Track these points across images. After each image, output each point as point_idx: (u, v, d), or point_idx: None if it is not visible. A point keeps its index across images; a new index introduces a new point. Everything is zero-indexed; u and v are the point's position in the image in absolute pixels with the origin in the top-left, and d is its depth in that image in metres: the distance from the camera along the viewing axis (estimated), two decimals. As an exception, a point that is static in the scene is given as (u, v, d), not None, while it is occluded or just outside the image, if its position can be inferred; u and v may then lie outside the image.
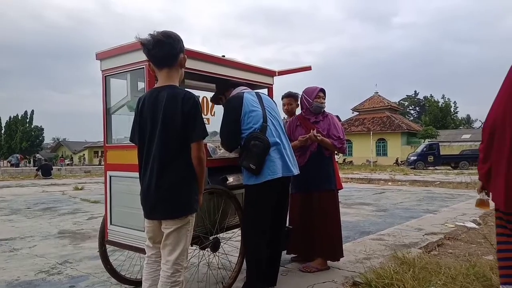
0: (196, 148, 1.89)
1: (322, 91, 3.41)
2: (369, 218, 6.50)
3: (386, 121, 36.96)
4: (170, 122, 1.86)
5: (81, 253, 4.20)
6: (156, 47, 1.87)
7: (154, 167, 1.87)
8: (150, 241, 2.04)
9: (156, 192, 1.87)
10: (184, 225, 1.90)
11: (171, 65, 1.93)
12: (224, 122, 2.69)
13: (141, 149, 1.96)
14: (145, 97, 1.97)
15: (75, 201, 9.41)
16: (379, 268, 3.11)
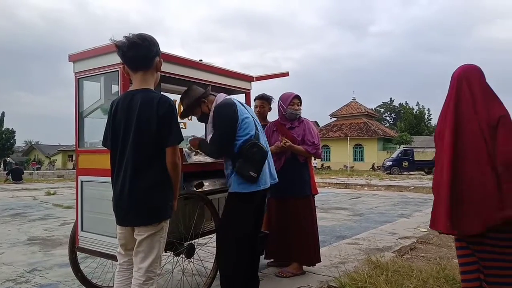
0: (171, 153, 1.85)
1: (296, 98, 3.43)
2: (345, 223, 6.58)
3: (363, 127, 37.67)
4: (144, 126, 1.81)
5: (51, 261, 4.07)
6: (131, 49, 1.84)
7: (128, 172, 1.82)
8: (122, 248, 1.98)
9: (129, 197, 1.82)
10: (157, 232, 1.86)
11: (147, 68, 1.90)
12: (220, 127, 2.54)
13: (114, 153, 1.90)
14: (118, 101, 1.92)
15: (46, 207, 9.12)
16: (353, 272, 3.16)
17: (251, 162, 2.46)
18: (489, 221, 2.03)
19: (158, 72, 2.01)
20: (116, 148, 1.89)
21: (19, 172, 19.21)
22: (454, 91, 2.22)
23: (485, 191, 2.04)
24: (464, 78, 2.21)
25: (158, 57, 1.94)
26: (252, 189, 2.50)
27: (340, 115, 40.57)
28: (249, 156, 2.46)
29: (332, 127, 39.83)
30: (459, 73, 2.25)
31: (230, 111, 2.54)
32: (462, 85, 2.20)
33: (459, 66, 2.32)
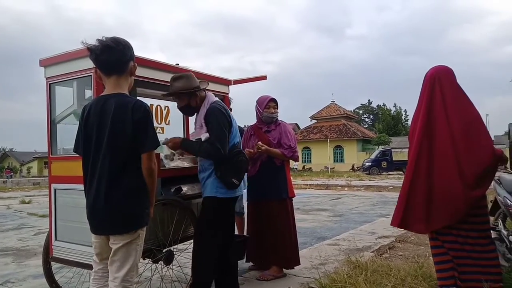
0: (147, 158, 1.82)
1: (272, 101, 3.43)
2: (326, 224, 6.64)
3: (342, 128, 38.18)
4: (119, 132, 1.77)
5: (25, 272, 3.93)
6: (104, 53, 1.79)
7: (102, 179, 1.77)
8: (98, 257, 1.93)
9: (104, 205, 1.77)
10: (133, 240, 1.82)
11: (121, 73, 1.86)
12: (219, 128, 2.49)
13: (87, 160, 1.85)
14: (90, 105, 1.87)
15: (21, 216, 8.82)
16: (333, 273, 3.18)
17: (235, 169, 2.47)
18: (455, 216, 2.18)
19: (132, 77, 1.97)
20: (89, 154, 1.83)
21: (-9, 181, 18.52)
22: (427, 92, 2.28)
23: (451, 196, 2.17)
24: (436, 80, 2.27)
25: (133, 62, 1.91)
26: (230, 195, 2.51)
27: (320, 117, 40.99)
28: (235, 163, 2.47)
29: (312, 129, 40.19)
30: (431, 74, 2.31)
31: (226, 113, 2.57)
32: (435, 87, 2.26)
33: (432, 67, 2.38)
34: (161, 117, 3.22)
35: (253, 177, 3.41)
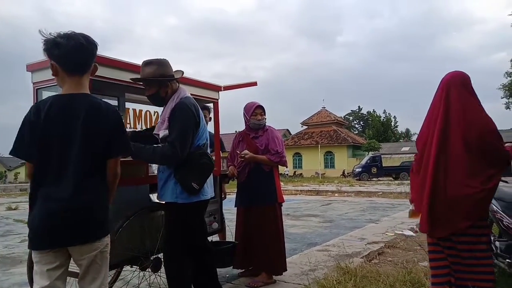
0: (115, 163, 1.75)
1: (259, 108, 3.44)
2: (316, 230, 6.65)
3: (333, 134, 38.42)
4: (93, 136, 1.66)
5: (10, 280, 3.85)
6: (76, 51, 1.66)
7: (70, 185, 1.61)
8: (49, 278, 1.62)
9: (74, 213, 1.61)
10: (104, 248, 1.72)
11: (84, 73, 1.73)
12: (185, 125, 2.29)
13: (43, 164, 1.64)
14: (49, 105, 1.65)
15: (7, 222, 8.67)
16: (322, 279, 3.18)
17: (197, 172, 2.29)
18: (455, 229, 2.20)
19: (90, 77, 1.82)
20: (48, 158, 1.63)
21: (-23, 187, 18.16)
22: (444, 98, 2.25)
23: (460, 207, 2.17)
24: (452, 85, 2.25)
25: (95, 64, 1.79)
26: (192, 200, 2.32)
27: (311, 123, 41.22)
28: (197, 166, 2.29)
29: (303, 135, 40.37)
30: (448, 79, 2.28)
31: (195, 111, 2.37)
32: (451, 93, 2.23)
33: (448, 73, 2.35)
34: (150, 123, 3.21)
35: (242, 183, 3.44)
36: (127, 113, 3.03)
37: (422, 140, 2.34)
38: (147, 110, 3.23)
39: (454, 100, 2.21)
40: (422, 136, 2.36)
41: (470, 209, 2.17)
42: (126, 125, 3.05)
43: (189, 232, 2.41)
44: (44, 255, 1.63)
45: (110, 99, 2.78)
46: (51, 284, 1.62)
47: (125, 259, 2.48)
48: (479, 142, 2.16)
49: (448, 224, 2.20)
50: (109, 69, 2.47)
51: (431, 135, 2.25)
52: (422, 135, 2.38)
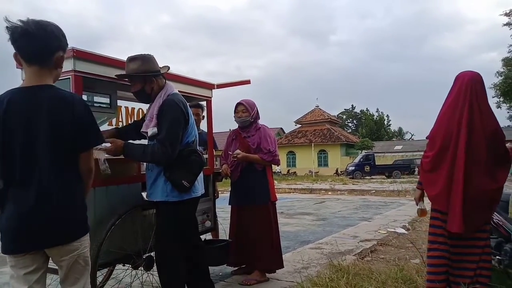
0: (86, 158, 1.65)
1: (240, 105, 3.45)
2: (309, 228, 6.67)
3: (326, 133, 38.54)
4: (59, 130, 1.56)
5: (1, 279, 3.81)
6: (22, 38, 1.53)
7: (40, 183, 1.52)
8: (27, 282, 1.55)
9: (44, 215, 1.52)
10: (84, 247, 1.65)
11: (43, 64, 1.59)
12: (174, 123, 2.25)
13: (9, 162, 1.54)
14: (9, 99, 1.54)
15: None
16: (315, 277, 3.19)
17: (187, 170, 2.26)
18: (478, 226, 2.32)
19: (59, 69, 1.69)
20: (13, 156, 1.53)
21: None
22: (468, 99, 2.31)
23: (481, 205, 2.29)
24: (474, 86, 2.33)
25: (62, 52, 1.64)
26: (183, 197, 2.30)
27: (304, 121, 41.29)
28: (186, 164, 2.27)
29: (297, 134, 40.43)
30: (470, 80, 2.35)
31: (184, 108, 2.32)
32: (473, 95, 2.32)
33: (465, 72, 2.42)
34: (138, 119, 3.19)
35: (236, 182, 3.45)
36: (119, 111, 3.01)
37: (441, 136, 2.36)
38: (139, 108, 3.21)
39: (477, 100, 2.30)
40: (440, 133, 2.38)
41: (487, 207, 2.31)
42: (119, 123, 3.03)
43: (181, 230, 2.40)
44: (19, 259, 1.55)
45: (101, 96, 2.77)
46: (28, 274, 1.55)
47: (117, 258, 2.46)
48: (494, 142, 2.28)
49: (474, 222, 2.28)
50: (100, 66, 2.45)
51: (456, 134, 2.30)
52: (439, 132, 2.39)
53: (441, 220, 2.37)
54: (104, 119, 2.86)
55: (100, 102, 2.74)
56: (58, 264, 1.62)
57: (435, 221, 2.42)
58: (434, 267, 2.40)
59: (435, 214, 2.42)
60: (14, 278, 1.57)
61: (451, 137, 2.30)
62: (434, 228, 2.43)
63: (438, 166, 2.36)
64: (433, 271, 2.40)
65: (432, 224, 2.45)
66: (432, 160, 2.39)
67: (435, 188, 2.39)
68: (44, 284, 1.65)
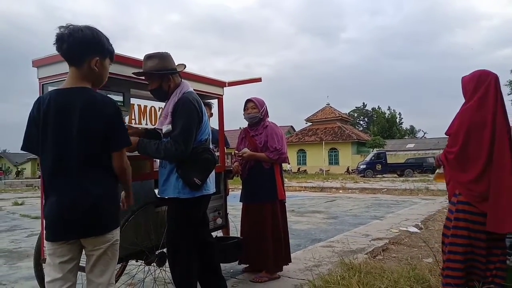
0: (118, 157, 1.73)
1: (249, 102, 3.47)
2: (320, 226, 6.65)
3: (337, 131, 38.31)
4: (90, 130, 1.66)
5: (17, 274, 3.90)
6: (57, 43, 1.69)
7: (75, 179, 1.65)
8: (61, 270, 1.66)
9: (82, 206, 1.64)
10: (115, 240, 1.75)
11: (77, 66, 1.72)
12: (189, 121, 2.28)
13: (47, 158, 1.68)
14: (48, 99, 1.68)
15: (13, 217, 8.75)
16: (326, 274, 3.18)
17: (199, 168, 2.28)
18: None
19: (98, 73, 1.77)
20: (52, 152, 1.66)
21: (-16, 182, 18.36)
22: (500, 97, 2.38)
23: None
24: (499, 87, 2.42)
25: (98, 58, 1.73)
26: (194, 195, 2.32)
27: (315, 119, 41.11)
28: (199, 162, 2.29)
29: (307, 132, 40.29)
30: (496, 79, 2.41)
31: (198, 107, 2.35)
32: (498, 92, 2.40)
33: (485, 70, 2.46)
34: (155, 118, 3.22)
35: (244, 180, 3.48)
36: (132, 109, 3.04)
37: (465, 129, 2.35)
38: (152, 106, 3.24)
39: (502, 99, 2.40)
40: (464, 125, 2.36)
41: None
42: (131, 120, 3.06)
43: (191, 227, 2.42)
44: (57, 247, 1.66)
45: (115, 94, 2.79)
46: (63, 276, 1.66)
47: (130, 254, 2.50)
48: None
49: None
50: (114, 64, 2.47)
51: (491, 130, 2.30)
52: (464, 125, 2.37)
53: (470, 213, 2.32)
54: (118, 117, 2.90)
55: (114, 100, 2.77)
56: (89, 254, 1.71)
57: (466, 215, 2.34)
58: (455, 263, 2.35)
59: (463, 207, 2.35)
60: (50, 265, 1.68)
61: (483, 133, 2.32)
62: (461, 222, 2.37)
63: (464, 162, 2.37)
64: (455, 267, 2.35)
65: (457, 217, 2.37)
66: (456, 157, 2.38)
67: (468, 174, 2.34)
68: (76, 274, 1.74)
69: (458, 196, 2.40)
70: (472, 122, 2.35)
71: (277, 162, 3.43)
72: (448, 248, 2.41)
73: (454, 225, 2.39)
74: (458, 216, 2.38)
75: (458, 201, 2.40)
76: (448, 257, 2.40)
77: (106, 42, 1.79)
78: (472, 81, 2.44)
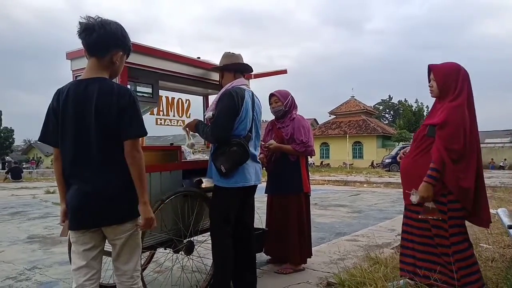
0: (129, 145, 1.69)
1: (272, 96, 3.49)
2: (344, 220, 6.60)
3: (362, 124, 37.66)
4: (105, 118, 1.67)
5: (51, 259, 4.08)
6: (84, 32, 1.71)
7: (94, 168, 1.67)
8: (85, 258, 1.70)
9: (101, 195, 1.66)
10: (135, 231, 1.76)
11: (99, 57, 1.74)
12: (224, 114, 2.51)
13: (66, 148, 1.70)
14: (68, 90, 1.71)
15: (46, 205, 9.12)
16: (352, 268, 3.16)
17: (226, 157, 2.47)
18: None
19: (117, 65, 1.80)
20: (69, 142, 1.69)
21: (18, 171, 19.20)
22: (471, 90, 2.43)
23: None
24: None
25: (120, 51, 1.77)
26: (229, 185, 2.52)
27: (339, 112, 40.53)
28: (227, 152, 2.47)
29: (331, 125, 39.81)
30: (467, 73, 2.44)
31: (237, 100, 2.52)
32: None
33: (459, 65, 2.46)
34: (182, 110, 3.27)
35: (270, 172, 3.50)
36: (160, 101, 3.09)
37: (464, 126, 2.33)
38: (179, 98, 3.28)
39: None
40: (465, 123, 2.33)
41: None
42: (160, 112, 3.11)
43: (227, 213, 2.58)
44: (80, 236, 1.71)
45: (144, 86, 2.85)
46: (87, 264, 1.71)
47: (159, 242, 2.56)
48: None
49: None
50: (144, 56, 2.53)
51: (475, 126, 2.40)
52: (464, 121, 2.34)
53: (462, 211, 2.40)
54: (147, 108, 2.96)
55: (143, 92, 2.83)
56: (112, 243, 1.75)
57: (459, 213, 2.41)
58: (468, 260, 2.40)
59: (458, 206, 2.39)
60: (74, 253, 1.74)
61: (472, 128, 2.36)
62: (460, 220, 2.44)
63: (468, 156, 2.35)
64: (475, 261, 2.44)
65: (458, 215, 2.41)
66: (457, 153, 2.31)
67: (470, 180, 2.35)
68: (101, 262, 1.79)
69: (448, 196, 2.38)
70: (465, 117, 2.33)
71: (303, 155, 3.42)
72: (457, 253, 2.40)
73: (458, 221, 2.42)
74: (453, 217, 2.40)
75: (449, 200, 2.38)
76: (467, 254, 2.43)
77: (129, 40, 1.84)
78: (455, 73, 2.41)
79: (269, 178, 3.51)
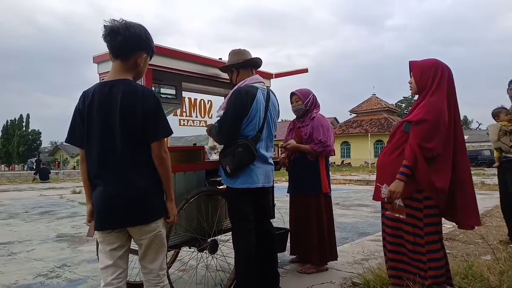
0: (157, 147, 1.72)
1: (293, 95, 3.49)
2: (367, 220, 6.51)
3: (383, 122, 37.04)
4: (130, 121, 1.68)
5: (80, 257, 4.20)
6: (109, 35, 1.73)
7: (120, 170, 1.69)
8: (112, 257, 1.73)
9: (126, 196, 1.68)
10: (161, 229, 1.79)
11: (124, 59, 1.76)
12: (231, 114, 2.48)
13: (92, 150, 1.73)
14: (93, 92, 1.74)
15: (73, 205, 9.39)
16: (377, 269, 3.12)
17: (231, 158, 2.45)
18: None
19: (140, 67, 1.82)
20: (95, 144, 1.71)
21: (46, 172, 19.87)
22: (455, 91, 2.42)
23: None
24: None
25: (144, 53, 1.79)
26: (235, 185, 2.51)
27: (360, 111, 40.01)
28: (231, 153, 2.46)
29: (352, 123, 39.34)
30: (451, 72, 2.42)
31: (245, 100, 2.45)
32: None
33: (439, 61, 2.44)
34: (204, 111, 3.30)
35: (289, 172, 3.50)
36: (183, 102, 3.14)
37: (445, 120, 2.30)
38: (201, 99, 3.32)
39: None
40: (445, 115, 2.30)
41: None
42: (183, 113, 3.16)
43: (241, 213, 2.57)
44: (106, 236, 1.73)
45: (168, 88, 2.90)
46: (114, 263, 1.74)
47: (183, 241, 2.60)
48: None
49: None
50: (168, 59, 2.57)
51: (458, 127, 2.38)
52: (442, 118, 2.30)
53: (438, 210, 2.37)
54: (170, 110, 3.01)
55: (167, 93, 2.88)
56: (138, 243, 1.78)
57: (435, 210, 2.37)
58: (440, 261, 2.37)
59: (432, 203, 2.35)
60: (101, 252, 1.77)
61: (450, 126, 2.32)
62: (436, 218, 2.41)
63: (444, 155, 2.30)
64: (440, 265, 2.37)
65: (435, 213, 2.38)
66: (438, 148, 2.26)
67: (445, 180, 2.30)
68: (127, 261, 1.83)
69: (424, 192, 2.33)
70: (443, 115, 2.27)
71: (322, 155, 3.36)
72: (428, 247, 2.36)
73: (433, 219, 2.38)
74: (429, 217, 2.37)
75: (424, 197, 2.34)
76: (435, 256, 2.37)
77: (152, 42, 1.85)
78: (433, 69, 2.36)
79: (289, 178, 3.51)
